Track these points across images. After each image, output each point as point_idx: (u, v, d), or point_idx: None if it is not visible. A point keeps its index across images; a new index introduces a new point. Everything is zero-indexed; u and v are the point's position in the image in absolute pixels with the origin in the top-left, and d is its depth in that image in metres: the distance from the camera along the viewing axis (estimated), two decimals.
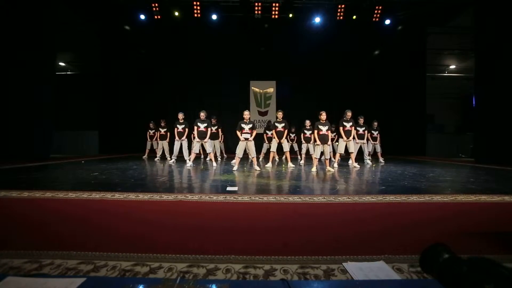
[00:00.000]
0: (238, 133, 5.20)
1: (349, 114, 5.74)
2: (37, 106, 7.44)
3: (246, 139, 5.19)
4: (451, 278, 0.43)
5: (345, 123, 5.70)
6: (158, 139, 7.88)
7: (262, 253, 1.35)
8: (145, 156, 8.24)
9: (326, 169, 4.87)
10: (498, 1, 7.00)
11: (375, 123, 7.23)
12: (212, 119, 7.12)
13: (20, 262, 1.24)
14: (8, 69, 6.98)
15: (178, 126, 6.24)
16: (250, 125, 5.21)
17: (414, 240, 1.57)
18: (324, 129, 5.17)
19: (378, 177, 4.47)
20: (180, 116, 6.30)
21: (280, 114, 5.76)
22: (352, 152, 5.86)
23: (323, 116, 5.25)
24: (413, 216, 2.15)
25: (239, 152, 5.22)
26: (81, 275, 1.12)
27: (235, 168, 5.16)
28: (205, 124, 5.78)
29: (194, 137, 6.42)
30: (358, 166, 5.87)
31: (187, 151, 6.46)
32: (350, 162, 6.16)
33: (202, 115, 5.82)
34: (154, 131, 8.17)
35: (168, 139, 7.74)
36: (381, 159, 7.29)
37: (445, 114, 12.50)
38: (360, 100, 10.72)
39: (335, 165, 5.77)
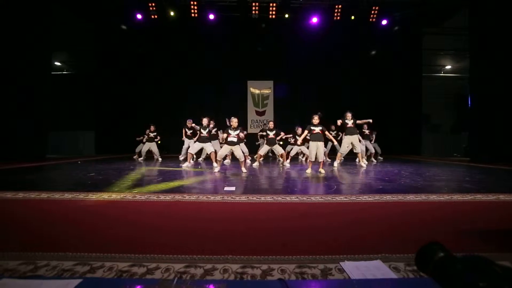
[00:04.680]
0: (224, 135, 5.19)
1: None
2: (33, 106, 7.38)
3: (232, 142, 5.12)
4: (446, 277, 0.43)
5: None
6: (147, 142, 7.92)
7: (260, 253, 1.35)
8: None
9: (319, 171, 4.86)
10: (492, 2, 7.09)
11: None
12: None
13: (15, 264, 1.23)
14: (4, 69, 6.91)
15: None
16: (237, 131, 5.20)
17: (410, 239, 1.58)
18: (317, 129, 5.04)
19: (374, 176, 4.49)
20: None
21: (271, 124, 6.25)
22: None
23: (315, 119, 5.11)
24: (410, 215, 2.16)
25: (222, 154, 5.19)
26: (77, 277, 1.11)
27: (216, 169, 5.09)
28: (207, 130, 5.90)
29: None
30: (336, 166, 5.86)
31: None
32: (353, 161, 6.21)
33: (205, 120, 5.87)
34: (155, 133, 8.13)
35: (157, 140, 7.95)
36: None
37: (441, 114, 12.61)
38: (357, 99, 10.79)
39: (335, 164, 5.81)
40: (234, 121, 5.23)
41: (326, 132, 5.08)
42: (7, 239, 1.58)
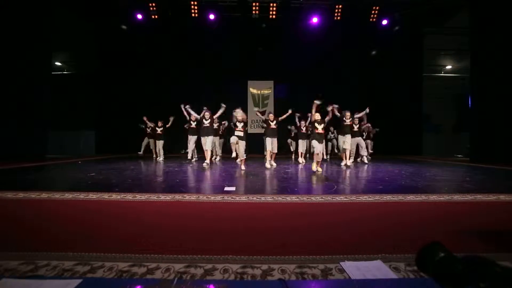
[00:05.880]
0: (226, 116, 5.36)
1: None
2: (33, 106, 7.38)
3: (238, 137, 5.23)
4: (447, 277, 0.43)
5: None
6: (155, 139, 8.08)
7: (260, 253, 1.35)
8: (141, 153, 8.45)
9: (316, 169, 4.84)
10: (492, 2, 7.08)
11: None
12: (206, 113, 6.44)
13: (16, 264, 1.23)
14: (4, 69, 6.91)
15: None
16: (242, 123, 5.28)
17: (411, 239, 1.58)
18: (319, 127, 5.18)
19: (375, 177, 4.49)
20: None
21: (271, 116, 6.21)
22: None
23: (317, 116, 5.31)
24: (410, 215, 2.16)
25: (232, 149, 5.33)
26: (78, 277, 1.11)
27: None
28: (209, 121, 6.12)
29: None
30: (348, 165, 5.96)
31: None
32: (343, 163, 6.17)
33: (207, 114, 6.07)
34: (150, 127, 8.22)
35: (163, 138, 8.02)
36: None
37: (442, 114, 12.59)
38: (357, 99, 10.76)
39: (348, 162, 5.90)
40: (239, 113, 5.31)
41: (329, 110, 5.25)
42: (8, 239, 1.58)
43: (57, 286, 1.02)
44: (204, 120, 6.02)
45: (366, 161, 6.83)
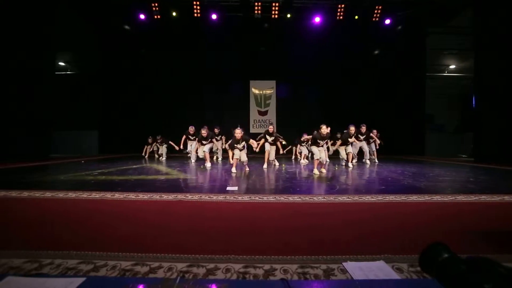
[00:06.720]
0: (230, 153, 5.13)
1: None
2: (36, 105, 7.44)
3: (240, 149, 5.14)
4: (450, 278, 0.43)
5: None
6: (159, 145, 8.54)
7: (262, 253, 1.35)
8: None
9: (320, 170, 4.79)
10: (496, 1, 7.01)
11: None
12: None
13: (20, 262, 1.24)
14: (8, 69, 6.97)
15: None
16: (243, 143, 5.14)
17: (414, 240, 1.57)
18: (322, 142, 4.88)
19: (377, 177, 4.47)
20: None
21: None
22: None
23: (323, 130, 4.72)
24: (413, 216, 2.15)
25: (235, 155, 5.24)
26: (81, 275, 1.12)
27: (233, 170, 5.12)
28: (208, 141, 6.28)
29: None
30: (351, 166, 5.91)
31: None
32: (344, 163, 6.19)
33: (204, 132, 6.14)
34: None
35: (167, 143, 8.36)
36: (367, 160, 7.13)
37: (445, 114, 12.50)
38: (360, 99, 10.74)
39: (350, 164, 5.90)
40: (238, 132, 5.01)
41: (337, 145, 5.13)
42: (12, 238, 1.60)
43: (61, 284, 1.03)
44: (203, 140, 6.20)
45: (368, 162, 6.84)
